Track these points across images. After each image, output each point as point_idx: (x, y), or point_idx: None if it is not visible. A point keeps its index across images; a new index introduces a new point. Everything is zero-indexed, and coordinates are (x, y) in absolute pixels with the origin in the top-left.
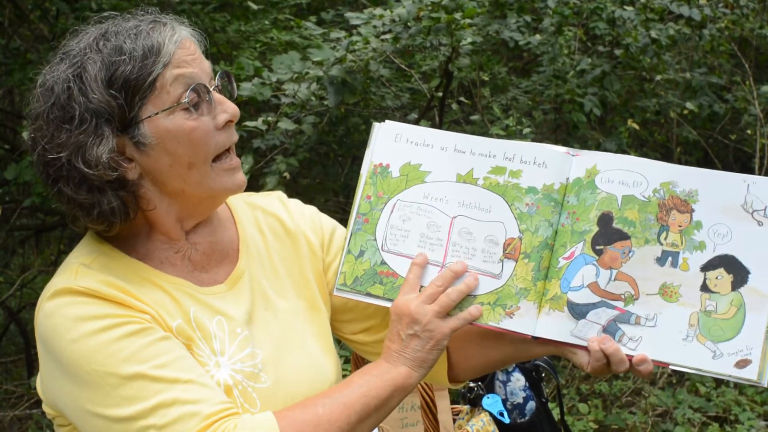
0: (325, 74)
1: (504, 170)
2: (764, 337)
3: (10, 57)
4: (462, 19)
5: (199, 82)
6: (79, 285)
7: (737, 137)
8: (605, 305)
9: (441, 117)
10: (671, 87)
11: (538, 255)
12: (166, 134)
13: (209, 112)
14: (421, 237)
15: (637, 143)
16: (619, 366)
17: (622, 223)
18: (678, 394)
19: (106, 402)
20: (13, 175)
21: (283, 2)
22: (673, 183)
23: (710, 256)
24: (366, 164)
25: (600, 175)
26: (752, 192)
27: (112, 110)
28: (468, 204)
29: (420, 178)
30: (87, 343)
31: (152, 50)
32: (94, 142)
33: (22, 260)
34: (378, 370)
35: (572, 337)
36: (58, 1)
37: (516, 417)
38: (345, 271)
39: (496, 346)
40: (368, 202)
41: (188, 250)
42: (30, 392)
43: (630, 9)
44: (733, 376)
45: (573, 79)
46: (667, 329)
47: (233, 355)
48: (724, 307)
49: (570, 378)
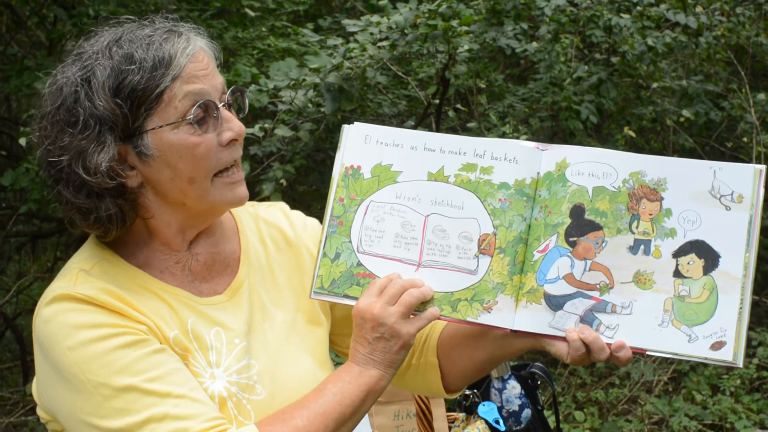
0: (322, 81)
1: (475, 167)
2: (737, 318)
3: (7, 63)
4: (459, 26)
5: (207, 98)
6: (78, 292)
7: (733, 145)
8: (581, 296)
9: (438, 124)
10: (667, 94)
11: (513, 249)
12: (168, 147)
13: (215, 128)
14: (396, 237)
15: (633, 151)
16: (600, 354)
17: (593, 214)
18: (674, 401)
19: (98, 412)
20: (9, 182)
21: (280, 9)
22: (642, 172)
23: (681, 243)
24: (337, 167)
25: (570, 168)
26: (719, 178)
27: (116, 118)
28: (440, 202)
29: (392, 178)
30: (83, 352)
31: (162, 62)
32: (96, 149)
33: (18, 267)
34: (350, 376)
35: (550, 328)
36: (56, 8)
37: (512, 425)
38: (322, 275)
39: (479, 346)
40: (341, 205)
41: (189, 260)
42: (25, 399)
43: (626, 17)
44: (709, 359)
45: (570, 86)
46: (642, 316)
47: (229, 367)
48: (697, 291)
49: (566, 386)
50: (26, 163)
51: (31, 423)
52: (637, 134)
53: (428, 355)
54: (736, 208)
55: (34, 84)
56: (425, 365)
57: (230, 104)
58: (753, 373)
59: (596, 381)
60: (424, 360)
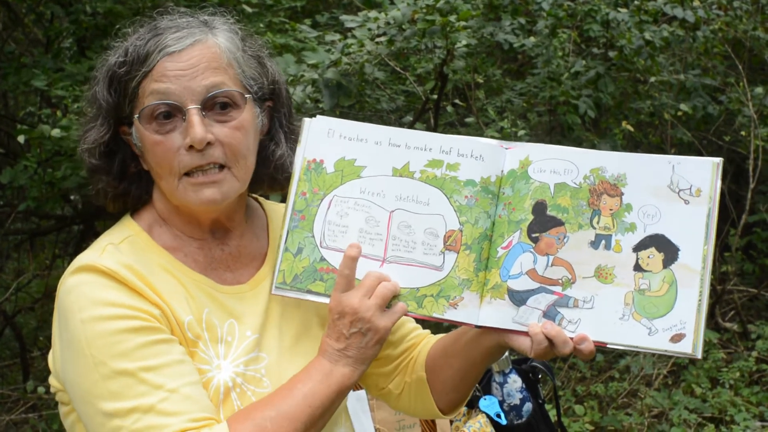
0: (320, 77)
1: (441, 163)
2: (696, 310)
3: (5, 61)
4: (457, 21)
5: (171, 100)
6: (103, 264)
7: (731, 138)
8: (544, 291)
9: (436, 119)
10: (665, 89)
11: (478, 246)
12: (143, 140)
13: (182, 131)
14: (360, 232)
15: (631, 145)
16: (563, 347)
17: (555, 210)
18: (674, 395)
19: (95, 390)
20: (7, 179)
21: (277, 5)
22: (602, 168)
23: (641, 237)
24: (299, 160)
25: (533, 165)
26: (677, 172)
27: (109, 107)
28: (406, 197)
29: (356, 173)
30: (93, 327)
31: (139, 57)
32: (100, 131)
33: (17, 264)
34: (321, 374)
35: (514, 323)
36: (53, 5)
37: (513, 418)
38: (284, 269)
39: (454, 352)
40: (303, 199)
41: (213, 248)
42: (26, 396)
43: (624, 11)
44: (669, 351)
45: (567, 81)
46: (604, 310)
47: (237, 358)
48: (657, 284)
49: (566, 379)
50: (24, 160)
51: (31, 420)
52: (635, 128)
53: (418, 371)
54: (695, 202)
55: (31, 81)
56: (417, 382)
57: (208, 109)
58: (752, 366)
59: (596, 375)
60: (415, 376)
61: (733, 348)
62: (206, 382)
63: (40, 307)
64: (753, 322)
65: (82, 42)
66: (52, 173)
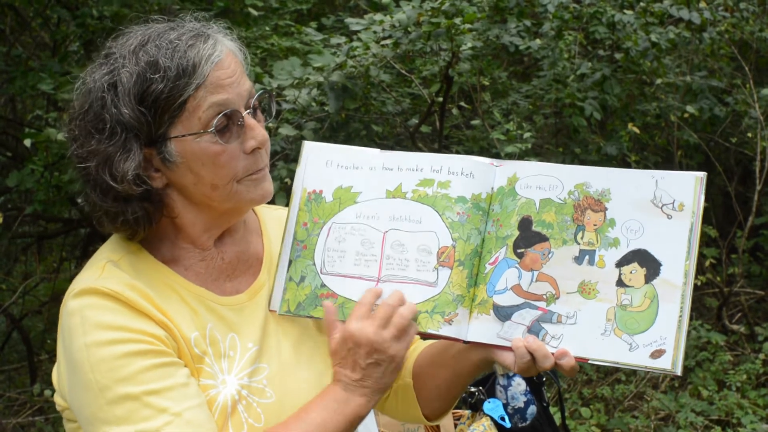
0: (325, 80)
1: (432, 182)
2: (677, 326)
3: (12, 65)
4: (462, 24)
5: (231, 108)
6: (104, 286)
7: (738, 140)
8: (528, 306)
9: (441, 122)
10: (671, 90)
11: (470, 262)
12: (191, 155)
13: (239, 136)
14: (357, 255)
15: (637, 147)
16: (544, 362)
17: (540, 226)
18: (680, 397)
19: (99, 414)
20: (14, 183)
21: (283, 8)
22: (587, 184)
23: (624, 252)
24: (298, 190)
25: (519, 181)
26: (660, 187)
27: (141, 126)
28: (398, 217)
29: (352, 199)
30: (97, 352)
31: (186, 71)
32: (122, 156)
33: (24, 268)
34: (336, 403)
35: (499, 338)
36: (60, 9)
37: (517, 421)
38: (288, 299)
39: (443, 362)
40: (305, 229)
41: (215, 258)
42: (33, 400)
43: (630, 13)
44: (648, 367)
45: (573, 83)
46: (586, 326)
47: (241, 370)
48: (639, 300)
49: (572, 382)
50: (31, 164)
51: (38, 423)
52: (642, 130)
53: (405, 377)
54: (678, 217)
55: (38, 85)
56: (403, 388)
57: (256, 109)
58: (759, 368)
59: (602, 377)
60: (402, 383)
61: (740, 350)
62: (212, 398)
63: (47, 310)
64: (760, 324)
65: (89, 46)
66: (58, 176)
